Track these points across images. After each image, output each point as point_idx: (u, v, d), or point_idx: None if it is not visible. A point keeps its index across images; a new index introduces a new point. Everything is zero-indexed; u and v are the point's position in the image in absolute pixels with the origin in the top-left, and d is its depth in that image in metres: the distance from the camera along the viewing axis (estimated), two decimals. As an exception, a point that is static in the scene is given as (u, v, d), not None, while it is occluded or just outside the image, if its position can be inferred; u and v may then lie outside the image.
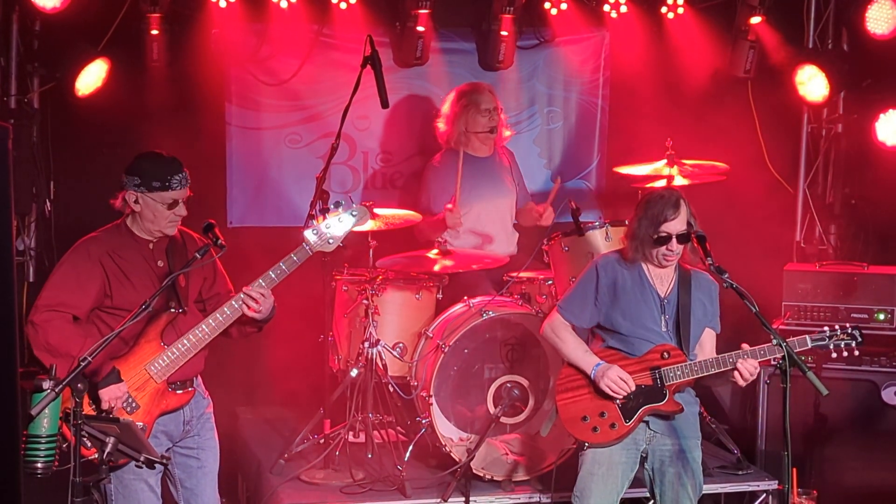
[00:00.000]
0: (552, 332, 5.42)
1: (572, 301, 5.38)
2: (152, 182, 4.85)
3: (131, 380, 4.81)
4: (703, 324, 5.33)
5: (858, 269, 7.01)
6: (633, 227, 5.24)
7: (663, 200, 5.17)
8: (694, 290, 5.28)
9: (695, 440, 5.34)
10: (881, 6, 7.30)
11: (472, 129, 6.97)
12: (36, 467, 4.33)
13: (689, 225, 5.16)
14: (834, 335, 5.16)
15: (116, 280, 4.88)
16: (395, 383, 6.31)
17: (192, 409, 5.05)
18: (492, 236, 7.03)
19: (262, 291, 4.88)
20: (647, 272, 5.28)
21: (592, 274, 5.34)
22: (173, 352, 4.86)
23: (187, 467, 5.10)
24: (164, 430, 4.96)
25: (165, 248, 5.00)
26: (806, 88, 7.48)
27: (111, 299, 4.87)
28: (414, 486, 6.03)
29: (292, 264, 4.91)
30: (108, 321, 4.85)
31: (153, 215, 4.89)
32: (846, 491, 6.64)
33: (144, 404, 4.84)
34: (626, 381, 5.18)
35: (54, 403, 4.31)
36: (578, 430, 5.32)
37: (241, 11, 7.13)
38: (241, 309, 4.88)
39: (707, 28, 7.59)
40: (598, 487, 5.28)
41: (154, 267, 4.95)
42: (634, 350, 5.26)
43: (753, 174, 7.60)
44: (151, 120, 6.86)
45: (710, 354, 5.34)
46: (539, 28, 7.70)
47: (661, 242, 5.15)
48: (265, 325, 5.08)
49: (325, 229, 4.96)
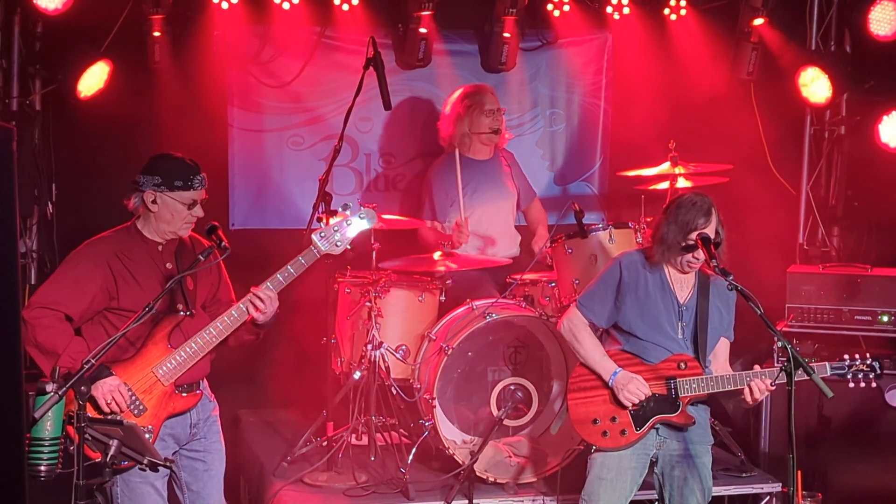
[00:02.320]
0: (570, 330, 5.32)
1: (593, 299, 5.30)
2: (174, 181, 4.86)
3: (138, 382, 4.80)
4: (719, 333, 5.27)
5: (862, 271, 7.01)
6: (660, 231, 5.13)
7: (696, 208, 5.06)
8: (712, 297, 5.21)
9: (705, 445, 5.30)
10: (884, 8, 7.30)
11: (476, 130, 6.96)
12: (39, 470, 4.32)
13: (717, 234, 5.08)
14: (853, 364, 5.12)
15: (123, 281, 4.86)
16: (398, 386, 6.30)
17: (198, 413, 5.03)
18: (494, 239, 7.02)
19: (269, 294, 4.86)
20: (668, 277, 5.21)
21: (616, 272, 5.25)
22: (181, 355, 4.85)
23: (193, 470, 5.09)
24: (172, 433, 4.95)
25: (174, 251, 4.99)
26: (809, 90, 7.48)
27: (118, 300, 4.85)
28: (417, 488, 6.01)
29: (300, 267, 4.90)
30: (115, 322, 4.84)
31: (171, 215, 4.89)
32: (850, 493, 6.63)
33: (152, 407, 4.83)
34: (645, 392, 5.14)
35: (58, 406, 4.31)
36: (587, 433, 5.28)
37: (243, 13, 7.12)
38: (247, 310, 4.86)
39: (710, 30, 7.59)
40: (606, 492, 5.24)
41: (162, 269, 4.94)
42: (650, 357, 5.20)
43: (756, 176, 7.59)
44: (153, 122, 6.86)
45: (723, 364, 5.29)
46: (541, 30, 7.70)
47: (689, 250, 5.07)
48: (263, 332, 5.06)
49: (332, 232, 4.95)
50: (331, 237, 4.94)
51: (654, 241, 5.19)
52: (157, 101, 6.94)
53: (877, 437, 6.69)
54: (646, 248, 5.29)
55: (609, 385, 5.19)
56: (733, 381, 5.11)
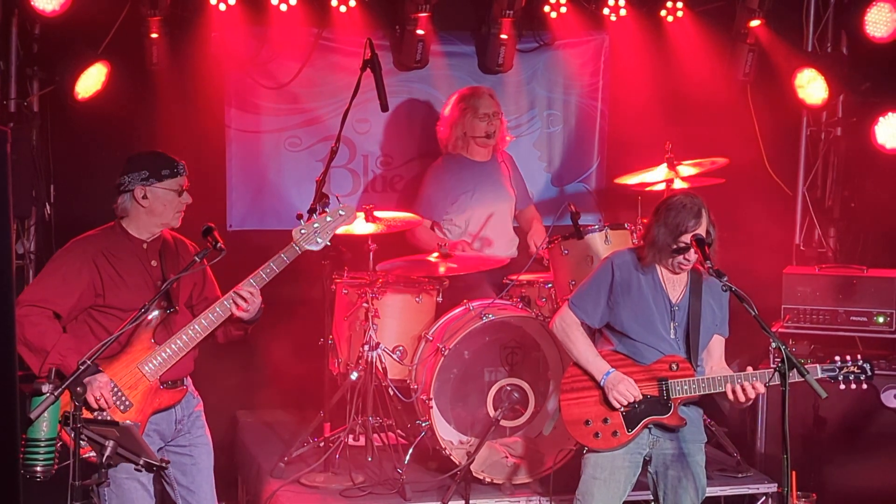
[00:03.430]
0: (563, 329, 5.32)
1: (585, 299, 5.29)
2: (162, 171, 4.96)
3: (124, 378, 4.86)
4: (712, 331, 5.27)
5: (858, 272, 7.01)
6: (651, 234, 5.11)
7: (686, 210, 5.03)
8: (705, 295, 5.20)
9: (698, 444, 5.30)
10: (880, 9, 7.31)
11: (471, 133, 6.98)
12: (35, 471, 4.34)
13: (708, 234, 5.06)
14: (845, 366, 5.10)
15: (109, 279, 4.91)
16: (395, 386, 6.31)
17: (183, 409, 5.10)
18: (492, 241, 7.03)
19: (251, 290, 4.93)
20: (660, 277, 5.20)
21: (608, 272, 5.24)
22: (166, 351, 4.90)
23: (181, 465, 5.14)
24: (157, 429, 5.01)
25: (159, 250, 5.05)
26: (805, 91, 7.49)
27: (104, 298, 4.90)
28: (414, 489, 6.03)
29: (281, 263, 4.98)
30: (101, 320, 4.89)
31: (163, 206, 4.97)
32: (845, 494, 6.64)
33: (138, 402, 4.88)
34: (634, 394, 5.15)
35: (53, 407, 4.32)
36: (580, 433, 5.28)
37: (240, 15, 7.13)
38: (231, 308, 4.93)
39: (706, 31, 7.60)
40: (600, 492, 5.25)
41: (148, 267, 5.00)
42: (643, 358, 5.20)
43: (753, 177, 7.61)
44: (151, 123, 6.87)
45: (718, 361, 5.30)
46: (539, 31, 7.70)
47: (680, 252, 5.06)
48: (250, 327, 5.13)
49: (312, 228, 5.03)
50: (310, 233, 5.03)
51: (645, 243, 5.17)
52: (155, 103, 6.94)
53: (872, 438, 6.69)
54: (638, 248, 5.28)
55: (601, 385, 5.21)
56: (725, 382, 5.11)
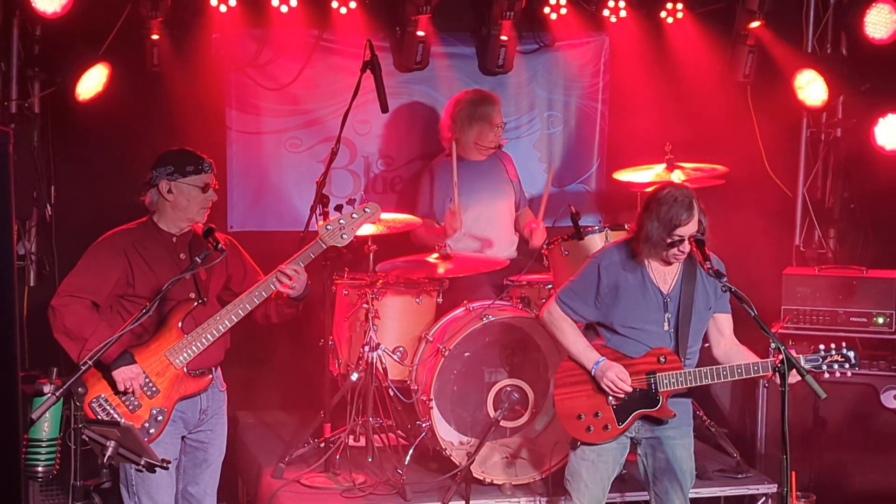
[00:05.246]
0: (551, 321, 5.37)
1: (572, 297, 5.32)
2: (186, 167, 5.12)
3: (152, 366, 5.03)
4: (706, 316, 5.27)
5: (857, 273, 7.02)
6: (644, 230, 5.09)
7: (677, 204, 5.02)
8: (699, 279, 5.19)
9: (686, 427, 5.34)
10: (880, 10, 7.31)
11: (481, 142, 6.97)
12: (37, 471, 4.35)
13: (700, 224, 5.06)
14: (828, 356, 5.09)
15: (139, 269, 5.10)
16: (396, 387, 6.32)
17: (209, 399, 5.25)
18: (491, 240, 7.04)
19: (296, 268, 5.12)
20: (649, 271, 5.21)
21: (594, 274, 5.26)
22: (202, 340, 5.06)
23: (193, 458, 5.33)
24: (182, 417, 5.16)
25: (188, 243, 5.22)
26: (805, 93, 7.50)
27: (133, 287, 5.09)
28: (414, 489, 6.03)
29: (307, 258, 5.17)
30: (130, 308, 5.07)
31: (187, 201, 5.13)
32: (845, 494, 6.66)
33: (164, 389, 5.05)
34: (625, 381, 5.18)
35: (55, 407, 4.33)
36: (573, 427, 5.33)
37: (241, 16, 7.13)
38: (275, 287, 5.11)
39: (706, 32, 7.60)
40: (589, 472, 5.33)
41: (176, 259, 5.17)
42: (633, 352, 5.24)
43: (752, 178, 7.62)
44: (152, 124, 6.87)
45: (730, 339, 5.31)
46: (539, 32, 7.71)
47: (675, 245, 5.07)
48: (301, 303, 5.33)
49: (338, 224, 5.20)
50: (336, 229, 5.19)
51: (638, 238, 5.16)
52: (156, 104, 6.95)
53: (872, 439, 6.70)
54: (630, 242, 5.23)
55: (592, 374, 5.23)
56: (712, 374, 5.15)
